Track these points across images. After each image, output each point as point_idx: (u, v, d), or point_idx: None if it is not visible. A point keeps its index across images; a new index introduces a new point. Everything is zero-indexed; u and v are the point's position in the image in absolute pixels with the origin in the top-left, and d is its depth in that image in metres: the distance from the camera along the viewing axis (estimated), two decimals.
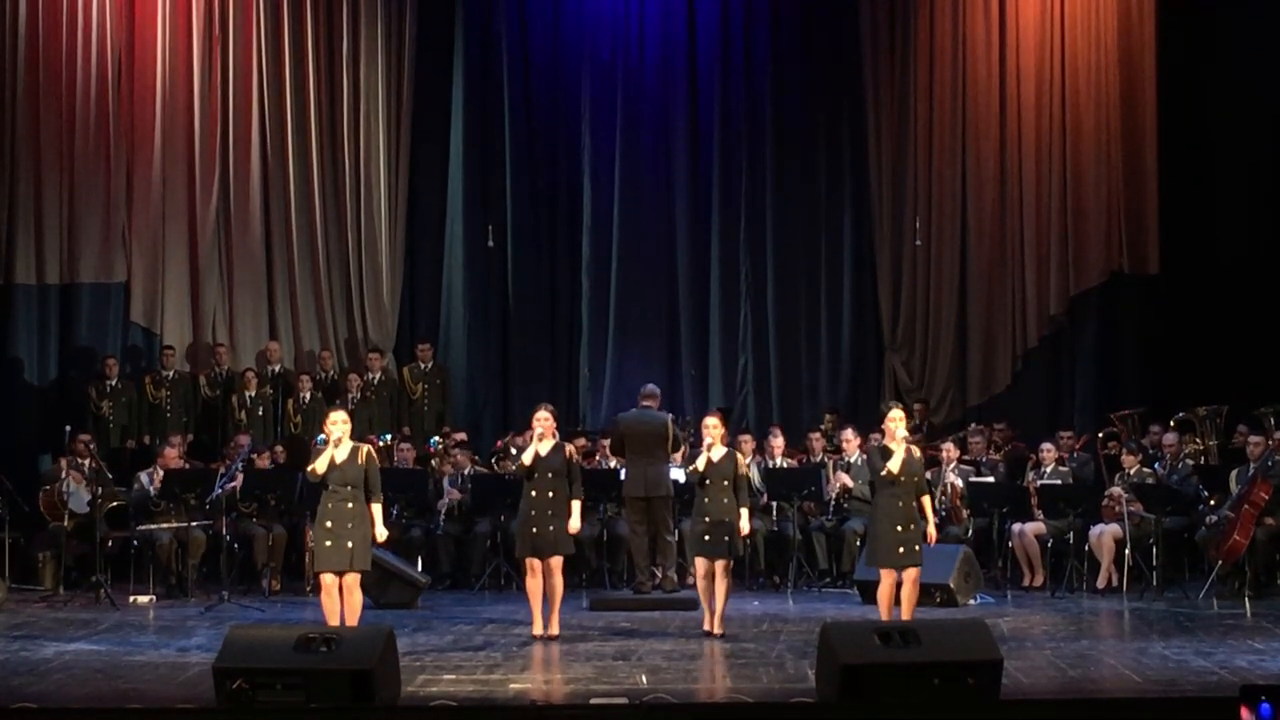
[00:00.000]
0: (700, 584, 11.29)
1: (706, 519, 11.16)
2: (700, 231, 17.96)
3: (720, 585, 11.15)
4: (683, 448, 13.81)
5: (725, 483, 11.15)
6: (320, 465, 10.25)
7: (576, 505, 11.29)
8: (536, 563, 11.16)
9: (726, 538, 11.10)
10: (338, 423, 10.31)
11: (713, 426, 11.33)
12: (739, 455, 11.45)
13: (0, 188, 16.47)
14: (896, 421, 10.67)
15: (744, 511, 11.22)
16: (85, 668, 10.06)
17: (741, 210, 17.84)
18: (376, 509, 10.38)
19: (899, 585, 10.56)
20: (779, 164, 17.85)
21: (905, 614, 10.48)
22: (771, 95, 17.84)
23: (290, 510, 14.23)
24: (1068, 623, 11.92)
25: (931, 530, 10.80)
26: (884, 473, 10.59)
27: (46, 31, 16.59)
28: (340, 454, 10.27)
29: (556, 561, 11.19)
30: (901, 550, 10.51)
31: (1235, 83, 16.90)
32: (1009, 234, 17.44)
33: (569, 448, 11.45)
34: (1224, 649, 10.42)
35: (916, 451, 10.81)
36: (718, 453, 11.21)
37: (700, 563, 11.25)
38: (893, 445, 10.63)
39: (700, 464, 11.23)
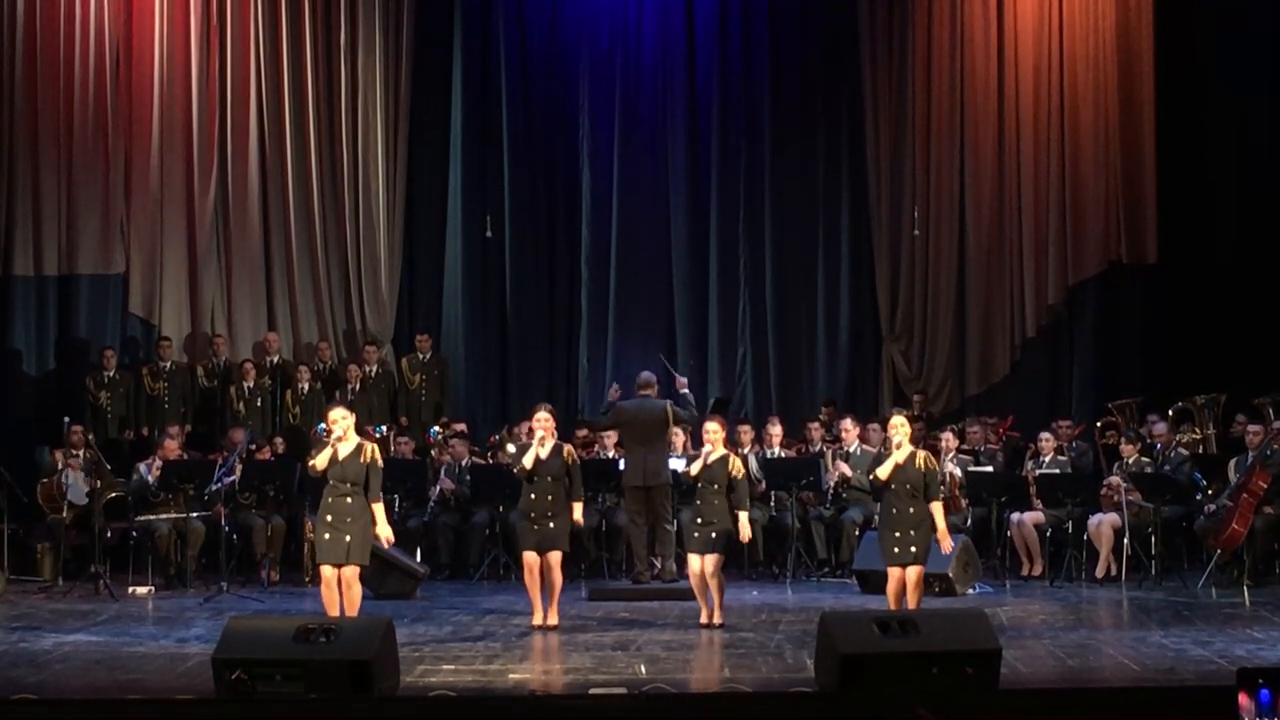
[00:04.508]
0: (693, 580, 11.36)
1: (698, 519, 11.30)
2: (699, 222, 17.94)
3: (712, 582, 11.20)
4: (687, 431, 13.91)
5: (716, 486, 11.24)
6: (321, 462, 10.28)
7: (578, 506, 11.42)
8: (535, 558, 11.22)
9: (714, 535, 11.16)
10: (339, 420, 10.31)
11: (713, 431, 11.38)
12: (734, 459, 11.44)
13: None
14: (896, 429, 10.74)
15: (742, 516, 11.28)
16: (84, 659, 10.07)
17: (740, 200, 17.82)
18: (378, 508, 10.36)
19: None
20: (777, 154, 17.83)
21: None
22: (769, 86, 17.82)
23: (289, 501, 14.24)
24: (1066, 612, 11.94)
25: (942, 542, 10.68)
26: (870, 477, 10.95)
27: (45, 22, 16.56)
28: (343, 450, 10.28)
29: (555, 557, 11.26)
30: (897, 550, 10.61)
31: (1233, 72, 16.89)
32: (1007, 224, 17.43)
33: (567, 448, 11.50)
34: (1222, 638, 10.43)
35: (921, 457, 10.70)
36: (713, 457, 11.28)
37: (691, 558, 11.35)
38: (895, 451, 10.65)
39: (695, 468, 11.35)
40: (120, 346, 16.72)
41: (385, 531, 10.43)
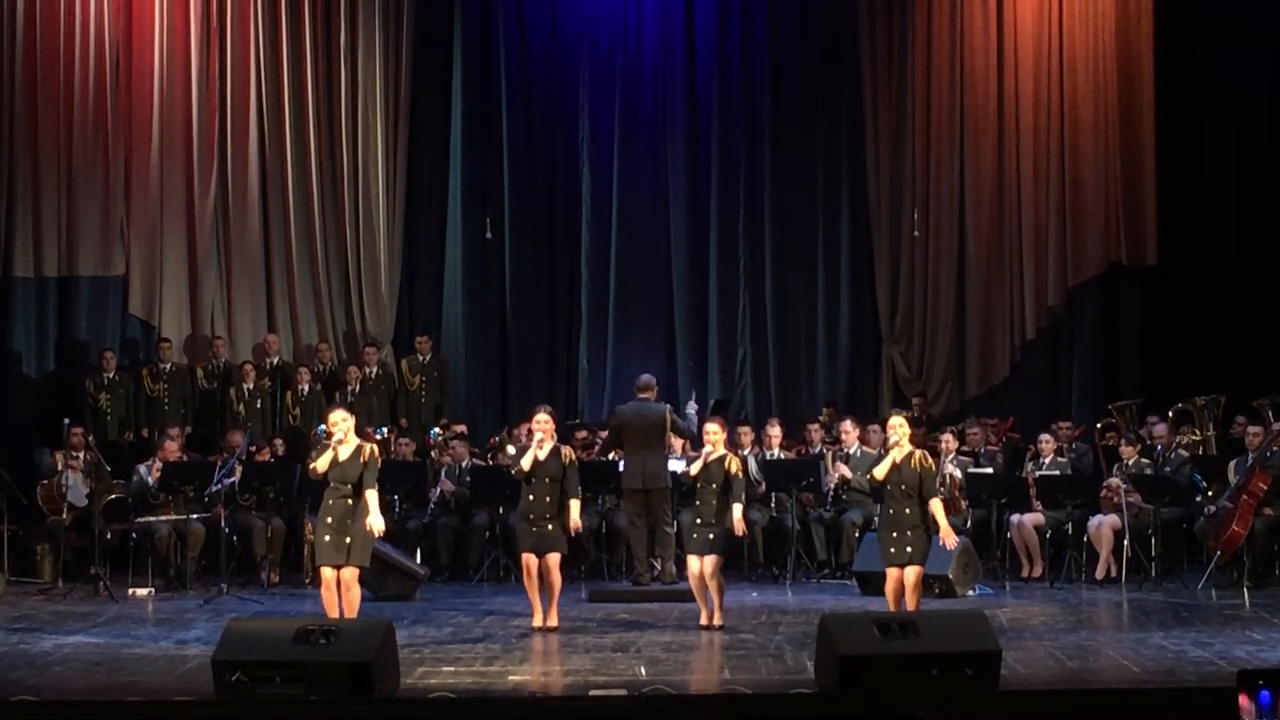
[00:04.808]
0: (693, 582, 11.37)
1: (697, 520, 11.34)
2: (699, 223, 17.94)
3: (711, 584, 11.22)
4: (684, 440, 13.92)
5: (714, 486, 11.26)
6: (322, 464, 10.29)
7: (575, 505, 11.40)
8: (533, 560, 11.24)
9: (713, 536, 11.19)
10: (339, 422, 10.30)
11: (713, 433, 11.41)
12: (732, 458, 11.46)
13: None
14: (895, 429, 10.73)
15: (736, 508, 11.27)
16: (84, 660, 10.08)
17: (740, 201, 17.82)
18: (370, 496, 10.30)
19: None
20: (777, 154, 17.83)
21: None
22: (769, 86, 17.82)
23: (289, 503, 14.22)
24: (1066, 614, 11.93)
25: (944, 538, 10.62)
26: (868, 476, 11.06)
27: (45, 23, 16.55)
28: (344, 452, 10.27)
29: (553, 559, 11.27)
30: (893, 550, 10.60)
31: (1232, 73, 16.89)
32: (1007, 225, 17.42)
33: (565, 450, 11.50)
34: (1222, 639, 10.43)
35: (916, 457, 10.65)
36: (713, 457, 11.32)
37: (690, 560, 11.37)
38: (894, 451, 10.65)
39: (695, 469, 11.39)
40: (120, 348, 16.71)
41: (377, 523, 10.31)
